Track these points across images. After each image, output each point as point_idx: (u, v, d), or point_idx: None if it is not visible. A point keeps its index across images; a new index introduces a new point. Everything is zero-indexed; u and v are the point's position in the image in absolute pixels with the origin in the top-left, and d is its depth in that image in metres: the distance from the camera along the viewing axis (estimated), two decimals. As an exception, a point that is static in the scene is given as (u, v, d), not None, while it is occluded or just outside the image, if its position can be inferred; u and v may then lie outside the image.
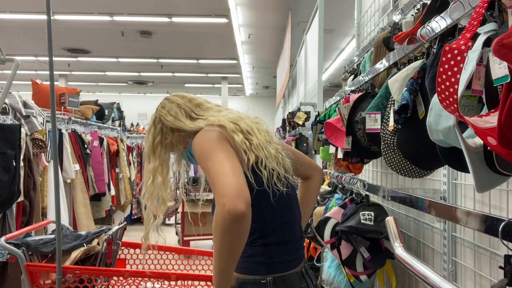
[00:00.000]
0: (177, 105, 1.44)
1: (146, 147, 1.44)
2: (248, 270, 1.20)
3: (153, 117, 1.46)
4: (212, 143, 1.16)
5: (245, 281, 1.20)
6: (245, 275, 1.20)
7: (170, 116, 1.41)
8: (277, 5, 6.61)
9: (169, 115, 1.42)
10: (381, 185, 1.91)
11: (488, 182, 0.88)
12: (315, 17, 4.33)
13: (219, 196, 1.00)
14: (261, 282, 1.18)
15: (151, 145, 1.42)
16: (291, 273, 1.23)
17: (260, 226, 1.21)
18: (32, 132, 3.33)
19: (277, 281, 1.19)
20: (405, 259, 1.18)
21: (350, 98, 1.88)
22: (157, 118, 1.44)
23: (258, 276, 1.19)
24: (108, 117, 5.90)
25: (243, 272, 1.21)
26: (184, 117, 1.41)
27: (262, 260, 1.20)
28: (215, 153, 1.12)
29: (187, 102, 1.47)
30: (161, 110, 1.45)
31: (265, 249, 1.21)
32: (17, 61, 2.14)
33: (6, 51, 2.19)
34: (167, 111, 1.43)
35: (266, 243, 1.21)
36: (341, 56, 9.40)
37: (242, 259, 1.17)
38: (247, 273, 1.20)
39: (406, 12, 1.69)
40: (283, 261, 1.22)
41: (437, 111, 0.93)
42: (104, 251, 2.38)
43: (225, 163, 1.08)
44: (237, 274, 1.22)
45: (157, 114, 1.45)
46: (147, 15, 7.07)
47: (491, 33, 0.86)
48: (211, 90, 14.59)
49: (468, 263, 1.44)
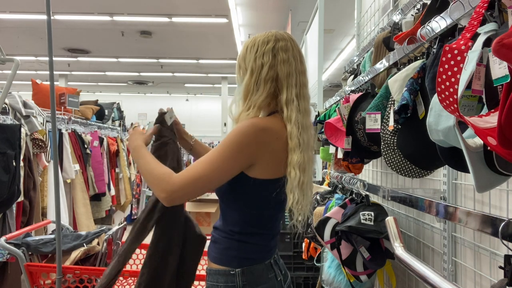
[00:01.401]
0: (294, 67, 1.27)
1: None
2: (220, 261, 1.26)
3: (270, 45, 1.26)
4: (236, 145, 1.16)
5: (216, 272, 1.26)
6: (218, 266, 1.26)
7: (285, 67, 1.25)
8: (277, 5, 6.61)
9: (285, 65, 1.25)
10: (381, 185, 1.91)
11: (488, 182, 0.88)
12: (315, 17, 4.33)
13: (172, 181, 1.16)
14: (231, 273, 1.23)
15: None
16: (260, 265, 1.27)
17: (242, 219, 1.25)
18: (32, 132, 3.33)
19: (246, 273, 1.23)
20: (405, 259, 1.18)
21: (350, 98, 1.88)
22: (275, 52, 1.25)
23: (229, 268, 1.24)
24: (108, 117, 5.90)
25: (216, 262, 1.27)
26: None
27: (235, 254, 1.25)
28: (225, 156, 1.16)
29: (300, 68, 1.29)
30: (283, 54, 1.25)
31: (240, 244, 1.25)
32: (17, 61, 2.14)
33: (6, 51, 2.19)
34: (287, 58, 1.26)
35: (243, 239, 1.26)
36: (341, 56, 9.40)
37: (217, 250, 1.28)
38: (220, 264, 1.26)
39: (406, 12, 1.69)
40: (255, 257, 1.26)
41: (437, 111, 0.93)
42: (104, 251, 2.38)
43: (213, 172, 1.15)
44: (211, 264, 1.29)
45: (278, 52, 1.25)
46: (147, 15, 7.07)
47: (491, 33, 0.86)
48: (211, 90, 14.59)
49: (468, 263, 1.44)
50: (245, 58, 1.28)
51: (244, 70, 1.27)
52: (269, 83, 1.23)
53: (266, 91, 1.23)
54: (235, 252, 1.25)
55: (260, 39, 1.28)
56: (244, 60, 1.28)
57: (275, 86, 1.24)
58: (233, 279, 1.22)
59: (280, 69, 1.24)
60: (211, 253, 1.30)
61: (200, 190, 1.17)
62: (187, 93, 15.60)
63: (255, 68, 1.24)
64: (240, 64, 1.29)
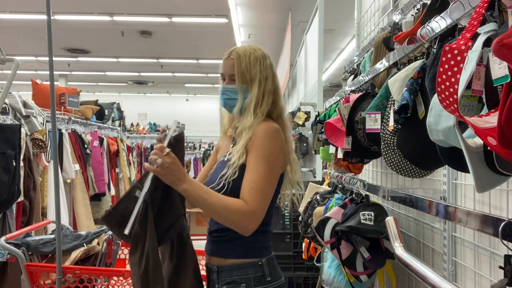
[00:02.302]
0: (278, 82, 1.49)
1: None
2: (245, 254, 1.35)
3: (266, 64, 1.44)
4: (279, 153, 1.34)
5: (244, 265, 1.34)
6: (243, 259, 1.35)
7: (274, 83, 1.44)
8: (277, 5, 6.61)
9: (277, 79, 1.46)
10: (381, 185, 1.91)
11: (488, 182, 0.88)
12: (315, 17, 4.33)
13: (249, 208, 1.24)
14: (259, 264, 1.35)
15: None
16: (272, 252, 1.44)
17: (266, 217, 1.35)
18: (32, 132, 3.33)
19: (269, 261, 1.38)
20: (405, 259, 1.18)
21: (350, 98, 1.88)
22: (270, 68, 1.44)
23: (256, 259, 1.35)
24: (108, 117, 5.90)
25: (242, 257, 1.35)
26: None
27: (261, 245, 1.38)
28: (274, 165, 1.32)
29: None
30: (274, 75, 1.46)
31: (264, 236, 1.39)
32: (17, 61, 2.14)
33: (6, 51, 2.19)
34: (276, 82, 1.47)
35: (265, 230, 1.39)
36: (341, 56, 9.39)
37: (241, 245, 1.35)
38: (245, 257, 1.35)
39: (406, 12, 1.69)
40: (270, 245, 1.42)
41: (437, 111, 0.93)
42: (104, 251, 2.38)
43: (271, 184, 1.31)
44: (235, 260, 1.35)
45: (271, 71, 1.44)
46: (147, 15, 7.07)
47: (491, 33, 0.86)
48: (211, 90, 14.59)
49: (468, 263, 1.44)
50: (249, 69, 1.38)
51: (249, 81, 1.38)
52: (271, 95, 1.41)
53: (270, 101, 1.40)
54: (260, 243, 1.37)
55: (259, 52, 1.42)
56: (249, 71, 1.38)
57: (273, 97, 1.42)
58: (262, 269, 1.34)
59: (277, 83, 1.45)
60: (233, 249, 1.36)
61: (268, 205, 1.31)
62: (187, 93, 15.60)
63: (262, 80, 1.39)
64: (244, 74, 1.38)
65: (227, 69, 1.41)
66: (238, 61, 1.38)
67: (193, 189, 1.25)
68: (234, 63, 1.39)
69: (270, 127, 1.34)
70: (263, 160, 1.29)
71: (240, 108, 1.38)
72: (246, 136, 1.33)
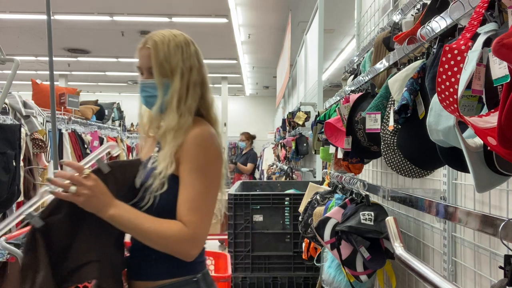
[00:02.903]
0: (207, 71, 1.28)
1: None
2: (178, 271, 1.17)
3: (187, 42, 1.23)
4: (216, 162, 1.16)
5: (176, 285, 1.16)
6: (176, 278, 1.16)
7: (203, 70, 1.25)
8: (277, 5, 6.61)
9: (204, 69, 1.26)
10: (381, 185, 1.91)
11: (488, 182, 0.88)
12: (315, 17, 4.33)
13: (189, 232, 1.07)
14: (193, 280, 1.18)
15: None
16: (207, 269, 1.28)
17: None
18: (32, 132, 3.33)
19: (205, 275, 1.21)
20: (405, 259, 1.18)
21: (350, 98, 1.88)
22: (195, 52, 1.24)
23: (191, 275, 1.18)
24: (108, 117, 5.90)
25: (173, 275, 1.16)
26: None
27: (195, 260, 1.17)
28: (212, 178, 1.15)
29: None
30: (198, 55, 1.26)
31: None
32: (17, 61, 2.14)
33: (6, 51, 2.19)
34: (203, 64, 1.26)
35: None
36: (341, 56, 9.39)
37: (169, 264, 1.15)
38: (178, 275, 1.16)
39: (406, 12, 1.68)
40: (205, 259, 1.28)
41: (437, 111, 0.93)
42: (104, 251, 2.38)
43: (211, 200, 1.14)
44: (166, 281, 1.15)
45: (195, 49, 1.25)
46: (147, 15, 7.06)
47: (491, 33, 0.86)
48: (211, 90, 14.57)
49: (468, 263, 1.44)
50: (169, 59, 1.17)
51: (169, 73, 1.18)
52: (198, 87, 1.22)
53: (197, 95, 1.21)
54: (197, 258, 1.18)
55: (180, 38, 1.21)
56: (169, 61, 1.17)
57: (201, 90, 1.23)
58: (198, 286, 1.18)
59: (204, 72, 1.25)
60: (163, 268, 1.16)
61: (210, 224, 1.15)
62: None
63: (185, 71, 1.19)
64: (163, 65, 1.17)
65: (143, 61, 1.21)
66: (155, 50, 1.17)
67: (121, 215, 1.05)
68: (151, 53, 1.17)
69: (203, 132, 1.16)
70: (199, 174, 1.11)
71: (160, 106, 1.17)
72: (174, 140, 1.13)
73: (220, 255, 2.48)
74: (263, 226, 3.07)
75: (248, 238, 3.05)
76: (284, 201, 3.12)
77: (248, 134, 6.92)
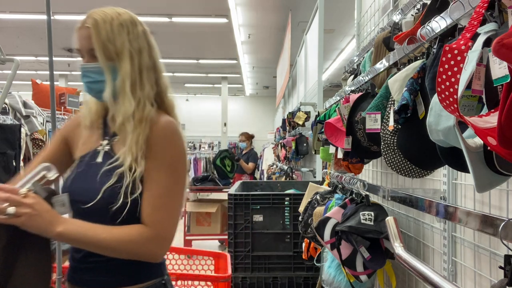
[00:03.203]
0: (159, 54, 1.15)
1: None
2: (145, 275, 1.08)
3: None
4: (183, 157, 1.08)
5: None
6: (143, 283, 1.07)
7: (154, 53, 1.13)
8: (277, 5, 6.61)
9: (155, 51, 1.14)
10: (381, 185, 1.91)
11: (488, 182, 0.88)
12: (315, 17, 4.33)
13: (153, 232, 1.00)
14: (162, 283, 1.11)
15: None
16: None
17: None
18: (32, 132, 3.33)
19: (168, 276, 1.15)
20: (405, 259, 1.18)
21: (350, 98, 1.88)
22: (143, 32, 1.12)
23: (159, 278, 1.10)
24: (108, 117, 5.90)
25: (140, 280, 1.07)
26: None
27: (161, 261, 1.12)
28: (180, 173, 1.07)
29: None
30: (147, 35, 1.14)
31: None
32: (17, 61, 2.14)
33: (6, 51, 2.19)
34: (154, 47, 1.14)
35: None
36: (341, 56, 9.40)
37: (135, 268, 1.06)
38: (145, 280, 1.07)
39: (406, 12, 1.68)
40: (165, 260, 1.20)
41: (437, 111, 0.93)
42: (104, 251, 2.38)
43: (179, 196, 1.07)
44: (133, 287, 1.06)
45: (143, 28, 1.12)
46: (147, 15, 7.06)
47: (491, 33, 0.86)
48: (211, 90, 14.59)
49: (468, 263, 1.44)
50: (113, 40, 1.05)
51: (115, 54, 1.05)
52: (152, 72, 1.10)
53: (153, 81, 1.10)
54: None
55: (125, 17, 1.10)
56: (114, 41, 1.04)
57: (154, 76, 1.11)
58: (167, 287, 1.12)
59: (156, 56, 1.13)
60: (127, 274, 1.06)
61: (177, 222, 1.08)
62: (187, 93, 15.60)
63: (134, 53, 1.07)
64: (107, 46, 1.04)
65: (83, 42, 1.06)
66: (96, 29, 1.04)
67: (71, 230, 0.95)
68: (92, 33, 1.04)
69: (171, 124, 1.08)
70: (167, 170, 1.04)
71: (112, 92, 1.05)
72: (138, 132, 1.03)
73: (220, 255, 2.48)
74: (263, 226, 3.07)
75: (248, 238, 3.05)
76: (284, 201, 3.12)
77: (248, 134, 6.93)
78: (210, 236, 5.30)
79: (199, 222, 5.21)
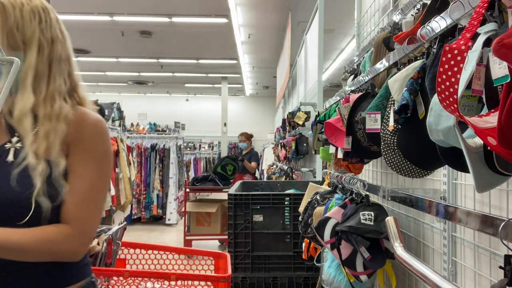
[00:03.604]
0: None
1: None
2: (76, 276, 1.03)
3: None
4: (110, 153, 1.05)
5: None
6: (75, 284, 1.02)
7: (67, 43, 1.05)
8: (277, 5, 6.61)
9: (68, 41, 1.06)
10: (381, 185, 1.91)
11: (488, 182, 0.88)
12: (315, 17, 4.33)
13: (76, 230, 0.94)
14: (92, 281, 1.07)
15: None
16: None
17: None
18: (32, 132, 3.33)
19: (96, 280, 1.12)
20: (405, 259, 1.18)
21: (350, 98, 1.88)
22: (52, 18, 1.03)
23: (88, 278, 1.06)
24: (108, 117, 5.89)
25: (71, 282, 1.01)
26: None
27: (87, 261, 1.08)
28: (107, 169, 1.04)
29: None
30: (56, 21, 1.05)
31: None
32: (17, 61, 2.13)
33: (6, 51, 2.19)
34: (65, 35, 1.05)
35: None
36: (341, 56, 9.39)
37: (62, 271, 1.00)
38: (77, 280, 1.03)
39: (406, 12, 1.68)
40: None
41: (437, 111, 0.93)
42: (104, 251, 2.38)
43: (103, 191, 1.03)
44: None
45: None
46: (147, 15, 7.06)
47: (491, 33, 0.86)
48: (211, 90, 14.58)
49: (468, 263, 1.44)
50: (22, 27, 0.96)
51: (21, 43, 0.97)
52: (63, 64, 1.03)
53: (64, 74, 1.03)
54: (85, 259, 1.06)
55: (36, 3, 1.00)
56: (22, 29, 0.96)
57: (67, 68, 1.05)
58: (95, 285, 1.08)
59: (69, 47, 1.06)
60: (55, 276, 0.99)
61: (100, 218, 1.05)
62: (187, 93, 15.60)
63: (45, 43, 0.98)
64: (13, 34, 0.96)
65: None
66: (3, 15, 0.94)
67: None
68: None
69: (100, 121, 1.04)
70: (94, 165, 0.99)
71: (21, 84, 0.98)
72: (43, 129, 0.94)
73: (220, 255, 2.48)
74: (263, 226, 3.07)
75: (248, 238, 3.05)
76: (284, 201, 3.12)
77: (248, 134, 6.94)
78: (210, 236, 5.30)
79: (199, 222, 5.22)
